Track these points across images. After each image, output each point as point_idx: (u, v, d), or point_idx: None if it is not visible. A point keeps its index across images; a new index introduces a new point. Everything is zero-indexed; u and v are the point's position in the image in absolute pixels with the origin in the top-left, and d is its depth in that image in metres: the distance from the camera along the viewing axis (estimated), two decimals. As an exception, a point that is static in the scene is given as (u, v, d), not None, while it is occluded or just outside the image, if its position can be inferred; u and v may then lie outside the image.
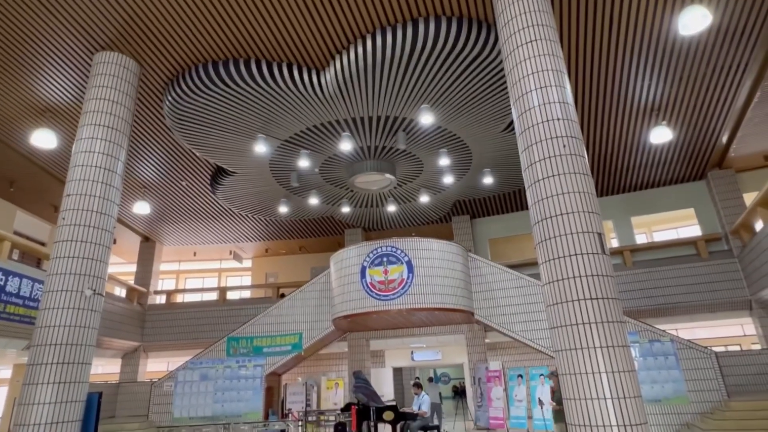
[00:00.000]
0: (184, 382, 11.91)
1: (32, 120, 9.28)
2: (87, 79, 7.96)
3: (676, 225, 15.43)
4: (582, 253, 5.03)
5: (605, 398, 4.56)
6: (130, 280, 15.38)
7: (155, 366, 16.40)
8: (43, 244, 12.97)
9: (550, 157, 5.48)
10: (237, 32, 7.48)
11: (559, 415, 6.46)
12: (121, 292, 14.90)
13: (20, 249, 10.55)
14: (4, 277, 9.14)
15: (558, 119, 5.62)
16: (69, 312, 6.29)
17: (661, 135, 10.16)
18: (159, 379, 12.20)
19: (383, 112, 9.43)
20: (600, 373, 4.62)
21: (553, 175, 5.39)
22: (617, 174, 12.84)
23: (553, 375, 7.06)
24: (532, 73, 5.88)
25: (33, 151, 10.28)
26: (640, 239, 15.03)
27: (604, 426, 4.49)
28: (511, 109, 9.25)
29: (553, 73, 5.87)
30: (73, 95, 8.66)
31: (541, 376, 11.57)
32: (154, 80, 8.50)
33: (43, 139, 8.95)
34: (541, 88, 5.80)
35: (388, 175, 11.53)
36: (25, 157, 10.50)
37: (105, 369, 16.91)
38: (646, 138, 10.90)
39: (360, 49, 7.76)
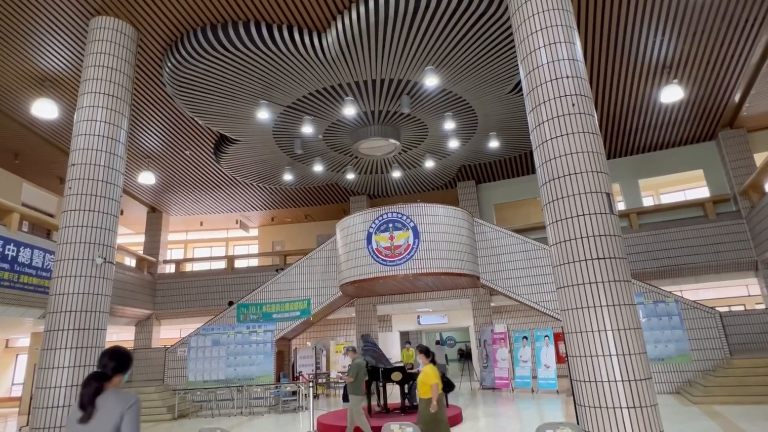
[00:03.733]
0: (197, 348, 12.25)
1: (32, 90, 9.17)
2: (84, 46, 7.80)
3: (683, 187, 15.29)
4: (590, 213, 5.00)
5: (611, 355, 4.63)
6: (140, 251, 15.57)
7: (168, 333, 16.82)
8: (51, 215, 13.07)
9: (558, 117, 5.36)
10: (235, -7, 7.25)
11: (351, 386, 6.99)
12: (131, 262, 15.10)
13: (29, 221, 10.65)
14: (15, 248, 9.27)
15: (567, 77, 5.48)
16: (81, 280, 6.39)
17: (672, 94, 9.90)
18: (172, 345, 12.54)
19: (387, 74, 9.22)
20: (606, 330, 4.68)
21: (562, 135, 5.29)
22: (626, 135, 12.63)
23: (349, 350, 7.68)
24: (541, 29, 5.69)
25: (35, 122, 10.21)
26: (647, 202, 14.94)
27: (608, 381, 4.58)
28: (518, 68, 9.05)
29: (563, 28, 5.67)
30: (71, 63, 8.51)
31: (546, 338, 11.81)
32: (152, 46, 8.31)
33: (45, 109, 8.87)
34: (549, 44, 5.63)
35: (392, 141, 11.40)
36: (28, 128, 10.45)
37: (120, 336, 17.36)
38: (657, 97, 10.65)
39: (362, 9, 7.51)
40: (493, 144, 12.31)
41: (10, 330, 13.57)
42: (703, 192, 13.62)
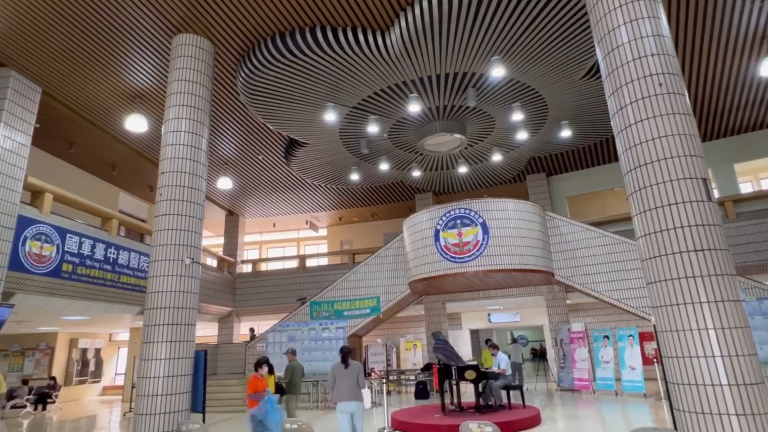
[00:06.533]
0: (274, 343, 12.82)
1: (125, 106, 10.07)
2: (168, 63, 8.44)
3: (789, 170, 13.63)
4: (684, 201, 4.58)
5: (714, 356, 4.21)
6: (220, 252, 16.61)
7: (247, 329, 17.76)
8: (143, 221, 14.31)
9: (643, 98, 4.97)
10: None
11: (287, 386, 7.67)
12: (212, 262, 16.14)
13: (126, 226, 11.72)
14: (116, 251, 10.25)
15: (652, 55, 5.06)
16: (173, 279, 6.92)
17: (774, 66, 8.85)
18: (252, 341, 13.23)
19: (451, 68, 9.08)
20: (707, 329, 4.26)
21: (648, 118, 4.90)
22: (718, 116, 11.48)
23: (287, 353, 8.23)
24: (620, 6, 5.31)
25: (127, 135, 11.21)
26: (745, 188, 13.49)
27: (713, 385, 4.17)
28: (593, 51, 8.54)
29: (645, 2, 5.25)
30: (158, 79, 9.25)
31: (630, 337, 11.03)
32: (227, 58, 8.81)
33: (136, 123, 9.72)
34: (630, 21, 5.23)
35: (457, 135, 11.20)
36: (122, 142, 11.50)
37: (204, 332, 18.63)
38: (755, 71, 9.56)
39: (425, 3, 7.44)
40: (565, 133, 11.71)
41: (112, 325, 15.06)
42: (814, 175, 12.05)
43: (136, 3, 7.33)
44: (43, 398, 13.14)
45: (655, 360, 10.64)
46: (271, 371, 6.41)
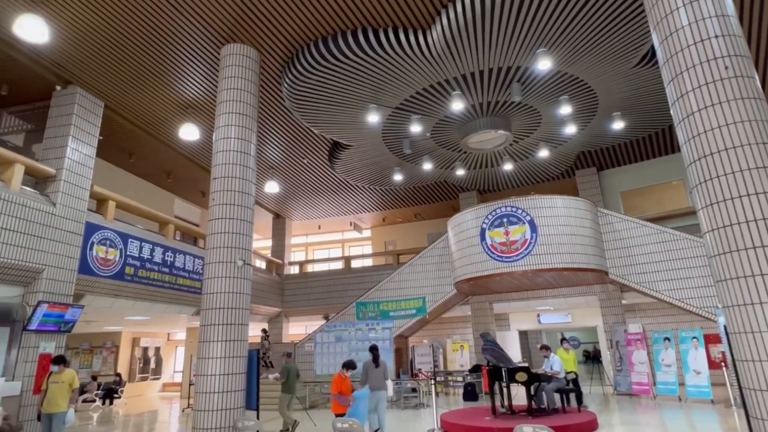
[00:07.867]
0: (322, 343, 13.03)
1: (179, 117, 10.57)
2: (218, 72, 8.77)
3: None
4: (758, 193, 4.24)
5: (796, 360, 3.87)
6: (268, 254, 17.09)
7: (295, 329, 18.19)
8: (196, 225, 14.95)
9: (707, 84, 4.65)
10: (342, 1, 7.56)
11: (282, 385, 8.36)
12: (261, 264, 16.64)
13: (181, 230, 12.29)
14: (173, 255, 10.77)
15: (716, 36, 4.73)
16: (227, 280, 7.17)
17: None
18: (300, 341, 13.51)
19: (495, 63, 8.89)
20: (788, 330, 3.92)
21: (713, 104, 4.57)
22: (789, 100, 10.59)
23: (284, 355, 8.75)
24: (679, -13, 4.99)
25: (181, 144, 11.76)
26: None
27: (795, 391, 3.83)
28: (648, 37, 8.12)
29: (707, -19, 4.91)
30: (208, 89, 9.64)
31: (694, 340, 10.37)
32: (272, 65, 9.05)
33: (189, 132, 10.17)
34: (690, 2, 4.92)
35: (502, 132, 10.96)
36: (176, 150, 12.08)
37: (255, 332, 19.19)
38: (833, 49, 8.75)
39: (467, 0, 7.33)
40: (617, 125, 11.19)
41: (170, 325, 15.84)
42: None
43: (188, 18, 7.68)
44: (110, 393, 14.01)
45: (723, 364, 9.96)
46: None
